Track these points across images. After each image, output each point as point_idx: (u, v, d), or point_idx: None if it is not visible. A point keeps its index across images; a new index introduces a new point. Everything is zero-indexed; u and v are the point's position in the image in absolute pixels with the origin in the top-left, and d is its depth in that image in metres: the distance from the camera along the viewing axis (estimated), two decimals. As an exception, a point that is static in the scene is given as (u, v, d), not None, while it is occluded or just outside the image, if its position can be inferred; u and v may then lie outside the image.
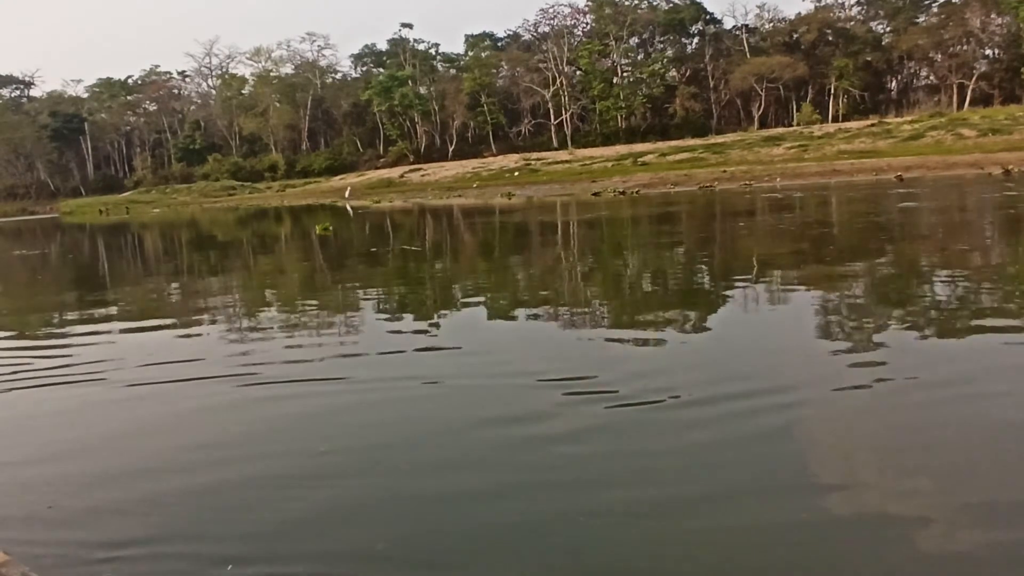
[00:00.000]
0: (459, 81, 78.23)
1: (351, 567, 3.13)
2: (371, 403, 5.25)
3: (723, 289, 9.21)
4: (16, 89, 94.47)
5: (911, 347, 5.83)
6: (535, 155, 61.94)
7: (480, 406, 5.01)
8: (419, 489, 3.78)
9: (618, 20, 74.75)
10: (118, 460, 4.51)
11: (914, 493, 3.51)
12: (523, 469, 3.99)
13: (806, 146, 47.50)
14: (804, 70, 68.24)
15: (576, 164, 53.55)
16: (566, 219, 23.38)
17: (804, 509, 3.38)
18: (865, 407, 4.60)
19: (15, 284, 16.21)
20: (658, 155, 51.48)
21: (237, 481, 4.04)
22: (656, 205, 25.78)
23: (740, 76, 69.06)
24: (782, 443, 4.13)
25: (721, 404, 4.70)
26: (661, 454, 4.05)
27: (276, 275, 14.48)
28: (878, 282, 8.98)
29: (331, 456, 4.32)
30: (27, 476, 4.27)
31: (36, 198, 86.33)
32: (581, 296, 9.55)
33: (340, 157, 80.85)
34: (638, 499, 3.55)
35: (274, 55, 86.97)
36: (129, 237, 30.71)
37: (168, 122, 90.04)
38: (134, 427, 5.10)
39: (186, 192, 69.85)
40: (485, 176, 54.55)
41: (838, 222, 17.08)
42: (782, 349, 6.13)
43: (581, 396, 5.01)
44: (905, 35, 70.13)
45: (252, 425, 4.99)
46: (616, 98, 72.96)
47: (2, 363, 7.15)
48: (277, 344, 7.28)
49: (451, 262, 14.49)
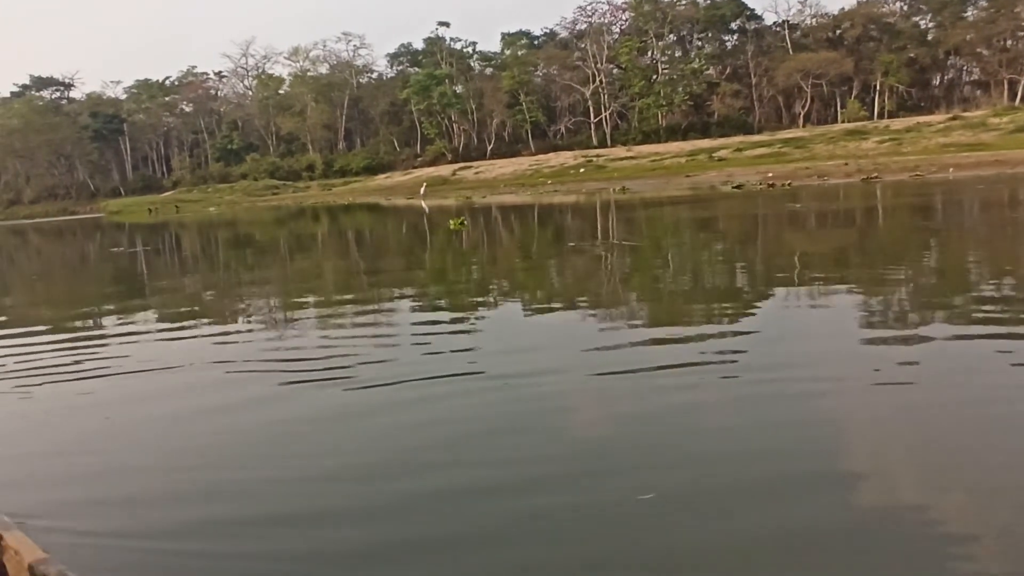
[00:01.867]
0: (497, 80, 77.93)
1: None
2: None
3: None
4: (56, 91, 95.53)
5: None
6: (592, 152, 61.46)
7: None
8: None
9: (658, 17, 74.06)
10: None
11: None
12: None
13: (899, 140, 46.31)
14: (850, 66, 67.08)
15: (645, 160, 52.85)
16: (793, 210, 20.12)
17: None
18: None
19: (172, 281, 14.95)
20: (733, 150, 50.66)
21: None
22: (862, 198, 23.31)
23: (785, 72, 68.03)
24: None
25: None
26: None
27: (518, 278, 11.76)
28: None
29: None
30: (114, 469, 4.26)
31: (76, 198, 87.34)
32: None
33: (377, 156, 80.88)
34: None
35: (311, 55, 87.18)
36: (213, 234, 29.97)
37: (205, 122, 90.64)
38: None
39: (229, 191, 70.22)
40: (547, 173, 54.06)
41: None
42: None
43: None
44: (952, 30, 68.77)
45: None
46: (657, 96, 72.23)
47: (149, 354, 7.11)
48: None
49: (750, 260, 11.91)
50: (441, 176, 59.79)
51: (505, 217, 26.86)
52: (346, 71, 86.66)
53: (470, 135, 79.29)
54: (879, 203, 21.97)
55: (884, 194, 24.78)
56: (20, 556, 2.39)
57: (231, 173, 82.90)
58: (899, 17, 74.77)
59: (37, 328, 9.34)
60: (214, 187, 74.21)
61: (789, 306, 7.78)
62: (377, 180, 67.55)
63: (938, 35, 71.57)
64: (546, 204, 33.42)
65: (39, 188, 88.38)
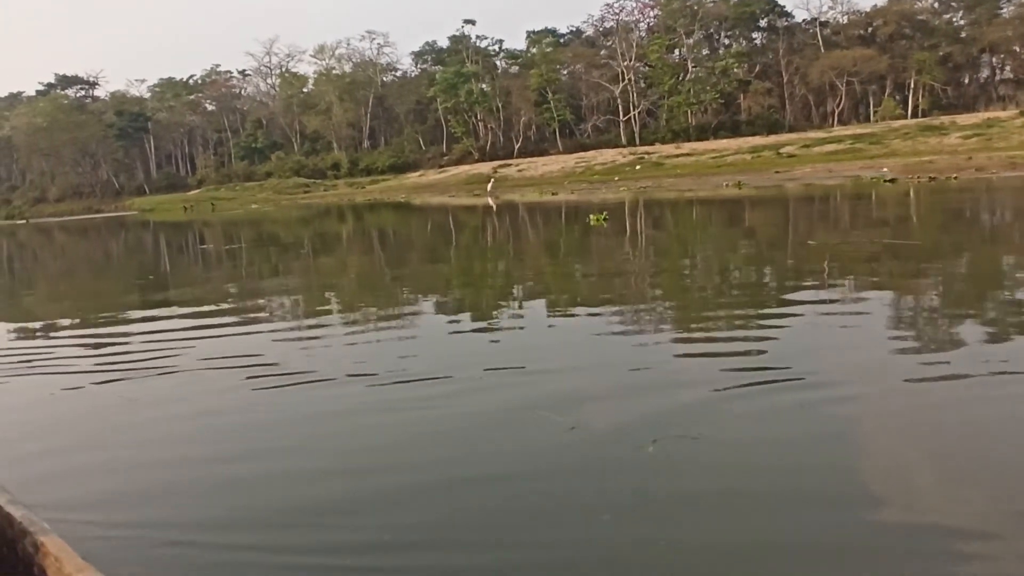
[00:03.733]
0: (524, 78, 77.34)
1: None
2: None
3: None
4: (81, 89, 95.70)
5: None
6: (640, 149, 60.98)
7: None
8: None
9: (687, 14, 73.30)
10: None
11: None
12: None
13: (986, 135, 45.16)
14: (886, 64, 66.09)
15: (704, 157, 52.03)
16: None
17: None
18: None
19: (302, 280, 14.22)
20: (800, 147, 49.77)
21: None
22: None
23: (819, 70, 67.09)
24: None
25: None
26: None
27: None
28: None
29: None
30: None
31: (101, 196, 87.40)
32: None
33: (403, 155, 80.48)
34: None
35: (336, 52, 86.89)
36: (287, 231, 28.78)
37: (229, 121, 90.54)
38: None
39: (259, 189, 70.04)
40: (600, 171, 53.28)
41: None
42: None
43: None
44: (988, 27, 67.69)
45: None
46: (687, 94, 71.49)
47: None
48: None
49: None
50: (481, 174, 59.21)
51: (649, 213, 24.49)
52: (370, 69, 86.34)
53: (496, 133, 78.75)
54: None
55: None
56: (60, 563, 2.38)
57: (256, 172, 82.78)
58: (932, 14, 73.74)
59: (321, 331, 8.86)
60: (241, 185, 74.07)
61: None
62: (411, 178, 67.10)
63: (972, 32, 70.53)
64: (661, 200, 29.97)
65: (64, 186, 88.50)
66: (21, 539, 2.60)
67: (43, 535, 2.52)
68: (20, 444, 4.81)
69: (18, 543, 2.61)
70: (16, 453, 4.62)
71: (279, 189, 68.66)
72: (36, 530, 2.56)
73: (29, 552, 2.54)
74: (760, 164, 45.73)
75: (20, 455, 4.57)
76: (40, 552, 2.49)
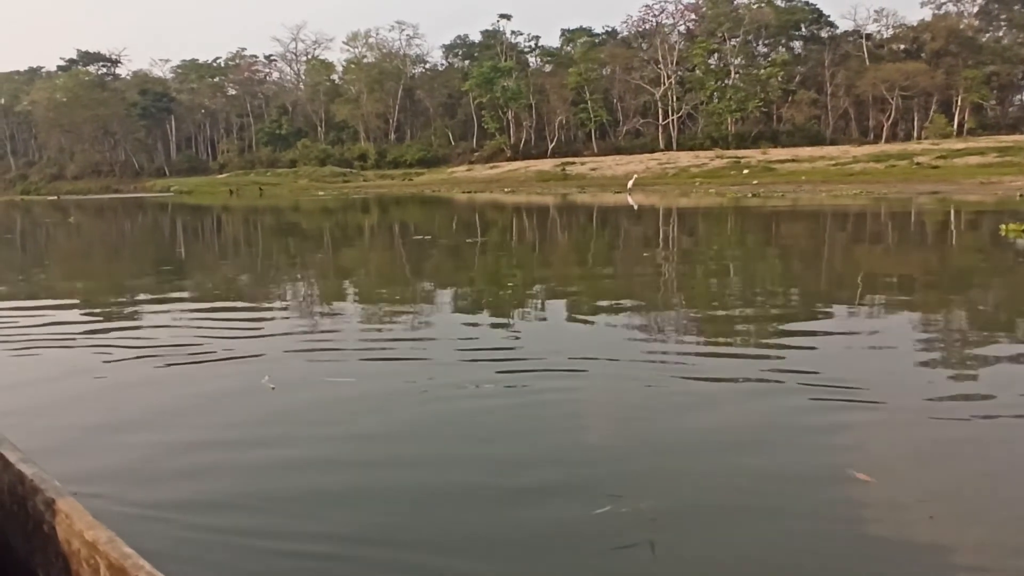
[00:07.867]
0: (560, 76, 75.80)
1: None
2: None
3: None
4: (103, 67, 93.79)
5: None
6: (728, 153, 59.84)
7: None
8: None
9: (732, 18, 71.86)
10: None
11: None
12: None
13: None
14: (940, 79, 64.60)
15: (825, 163, 50.18)
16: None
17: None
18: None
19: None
20: (935, 157, 47.78)
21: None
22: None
23: (869, 82, 65.59)
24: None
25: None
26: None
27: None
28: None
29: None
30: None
31: (120, 176, 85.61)
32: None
33: (431, 149, 78.99)
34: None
35: (368, 41, 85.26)
36: (427, 223, 25.00)
37: (252, 106, 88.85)
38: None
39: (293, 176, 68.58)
40: (696, 173, 51.34)
41: None
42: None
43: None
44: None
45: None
46: (729, 100, 70.07)
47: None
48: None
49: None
50: (542, 171, 57.66)
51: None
52: (398, 60, 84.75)
53: (530, 132, 77.22)
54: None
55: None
56: (71, 520, 2.33)
57: (280, 159, 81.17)
58: (977, 31, 72.41)
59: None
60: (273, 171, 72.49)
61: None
62: (456, 172, 65.71)
63: (1020, 52, 69.25)
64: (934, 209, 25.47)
65: (83, 164, 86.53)
66: (32, 497, 2.55)
67: (54, 493, 2.47)
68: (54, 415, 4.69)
69: (28, 501, 2.58)
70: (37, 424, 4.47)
71: (315, 177, 67.04)
72: (47, 487, 2.51)
73: (40, 510, 2.51)
74: (897, 174, 43.67)
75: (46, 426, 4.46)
76: (51, 510, 2.44)
